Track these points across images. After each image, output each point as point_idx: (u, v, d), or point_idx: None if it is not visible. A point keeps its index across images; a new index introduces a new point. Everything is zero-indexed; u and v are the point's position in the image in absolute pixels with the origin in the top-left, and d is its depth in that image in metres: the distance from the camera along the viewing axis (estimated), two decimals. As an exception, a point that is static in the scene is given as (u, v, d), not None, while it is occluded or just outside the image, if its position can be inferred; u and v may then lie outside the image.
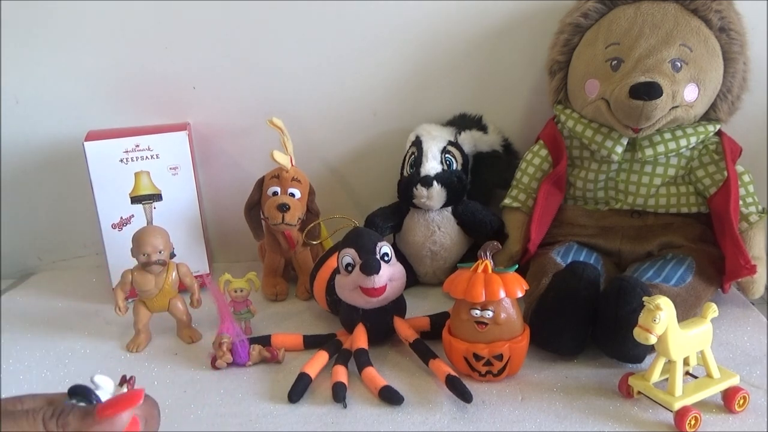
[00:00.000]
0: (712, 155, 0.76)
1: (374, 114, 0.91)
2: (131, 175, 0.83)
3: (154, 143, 0.83)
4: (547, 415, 0.58)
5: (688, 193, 0.77)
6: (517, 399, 0.61)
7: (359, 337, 0.67)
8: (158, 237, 0.72)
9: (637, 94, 0.68)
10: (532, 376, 0.65)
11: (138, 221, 0.84)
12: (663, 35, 0.72)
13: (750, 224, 0.74)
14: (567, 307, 0.64)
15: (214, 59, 0.88)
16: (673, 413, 0.55)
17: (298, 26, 0.87)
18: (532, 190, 0.82)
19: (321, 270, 0.76)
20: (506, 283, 0.62)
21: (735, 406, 0.57)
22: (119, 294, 0.73)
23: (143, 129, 0.85)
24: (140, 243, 0.71)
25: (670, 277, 0.69)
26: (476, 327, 0.62)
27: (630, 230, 0.77)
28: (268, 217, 0.80)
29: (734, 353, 0.66)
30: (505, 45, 0.87)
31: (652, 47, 0.72)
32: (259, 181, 0.83)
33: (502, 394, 0.62)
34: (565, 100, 0.81)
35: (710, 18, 0.73)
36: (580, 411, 0.59)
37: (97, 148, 0.81)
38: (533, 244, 0.77)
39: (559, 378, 0.64)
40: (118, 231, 0.84)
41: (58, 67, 0.88)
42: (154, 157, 0.83)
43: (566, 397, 0.61)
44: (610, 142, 0.75)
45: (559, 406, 0.60)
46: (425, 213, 0.81)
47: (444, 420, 0.58)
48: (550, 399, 0.61)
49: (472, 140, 0.84)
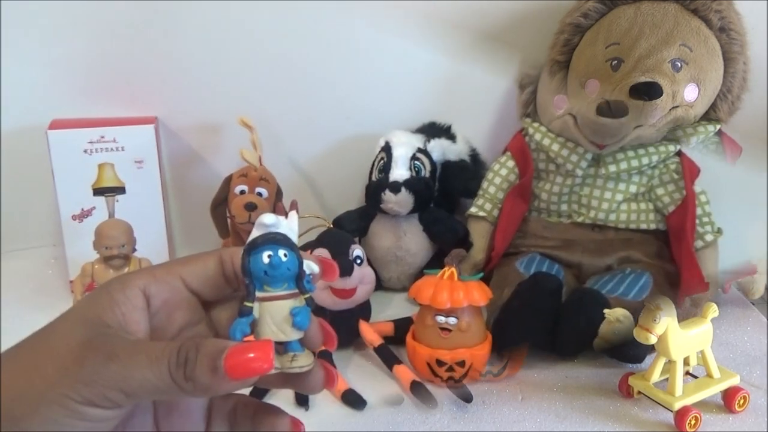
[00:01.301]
0: (672, 174, 0.78)
1: (347, 118, 0.91)
2: (95, 167, 0.81)
3: (119, 135, 0.81)
4: (547, 415, 0.59)
5: (647, 210, 0.79)
6: (517, 399, 0.62)
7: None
8: (122, 230, 0.71)
9: (637, 93, 0.69)
10: (533, 376, 0.65)
11: (99, 214, 0.82)
12: (663, 35, 0.73)
13: (705, 243, 0.76)
14: (529, 316, 0.65)
15: (185, 54, 0.87)
16: (673, 413, 0.56)
17: (273, 26, 0.87)
18: (497, 201, 0.83)
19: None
20: (471, 290, 0.63)
21: (735, 406, 0.58)
22: (78, 287, 0.72)
23: (109, 120, 0.83)
24: (103, 235, 0.70)
25: (629, 290, 0.71)
26: (440, 333, 0.63)
27: (591, 244, 0.79)
28: (234, 216, 0.80)
29: (734, 353, 0.67)
30: (476, 56, 0.89)
31: (652, 47, 0.72)
32: (227, 179, 0.83)
33: (502, 394, 0.62)
34: (533, 113, 0.82)
35: (710, 18, 0.73)
36: (580, 411, 0.60)
37: (61, 137, 0.80)
38: (497, 254, 0.78)
39: (559, 378, 0.65)
40: (78, 222, 0.82)
41: (24, 54, 0.86)
42: (119, 149, 0.82)
43: (566, 396, 0.62)
44: (576, 156, 0.77)
45: (559, 406, 0.60)
46: (393, 218, 0.82)
47: (444, 420, 0.59)
48: (550, 399, 0.62)
49: (440, 148, 0.85)
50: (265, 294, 0.31)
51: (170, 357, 0.29)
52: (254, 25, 0.87)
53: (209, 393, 0.30)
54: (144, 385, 0.29)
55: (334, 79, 0.90)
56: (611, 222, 0.79)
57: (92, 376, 0.29)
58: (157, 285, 0.33)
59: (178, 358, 0.29)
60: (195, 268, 0.34)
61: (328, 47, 0.88)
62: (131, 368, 0.29)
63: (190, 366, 0.29)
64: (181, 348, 0.30)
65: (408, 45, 0.88)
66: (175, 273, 0.34)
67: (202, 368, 0.29)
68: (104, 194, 0.82)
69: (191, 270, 0.34)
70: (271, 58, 0.88)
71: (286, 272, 0.31)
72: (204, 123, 0.90)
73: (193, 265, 0.34)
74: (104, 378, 0.29)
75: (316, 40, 0.88)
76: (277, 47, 0.88)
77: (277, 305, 0.31)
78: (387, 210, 0.80)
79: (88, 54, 0.86)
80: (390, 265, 0.83)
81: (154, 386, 0.29)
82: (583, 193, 0.79)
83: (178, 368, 0.29)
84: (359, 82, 0.90)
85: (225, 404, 0.36)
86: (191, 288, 0.34)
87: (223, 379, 0.29)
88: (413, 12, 0.86)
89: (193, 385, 0.29)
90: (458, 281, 0.63)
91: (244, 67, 0.88)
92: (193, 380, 0.29)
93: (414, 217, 0.83)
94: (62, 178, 0.80)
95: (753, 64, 0.77)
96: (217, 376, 0.29)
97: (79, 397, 0.29)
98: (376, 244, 0.83)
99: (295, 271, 0.31)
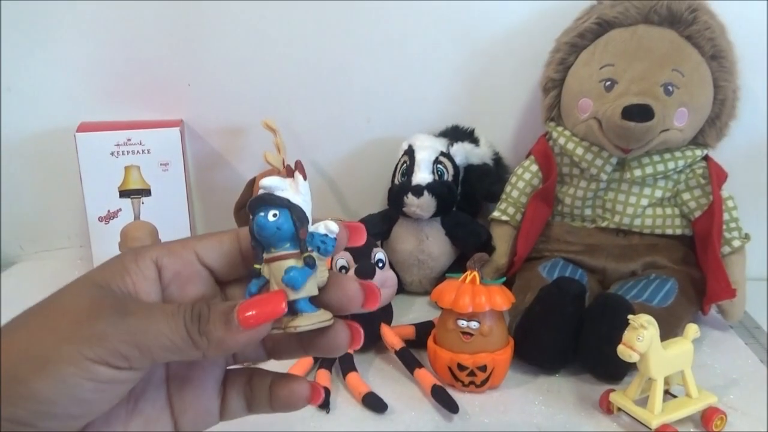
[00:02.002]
0: (698, 179, 0.77)
1: (368, 121, 0.91)
2: (121, 169, 0.83)
3: (146, 138, 0.82)
4: (528, 428, 0.59)
5: (673, 215, 0.78)
6: (499, 410, 0.62)
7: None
8: (147, 232, 0.72)
9: (629, 115, 0.69)
10: (515, 389, 0.65)
11: (125, 215, 0.83)
12: (657, 59, 0.74)
13: (732, 249, 0.75)
14: (552, 321, 0.65)
15: (211, 58, 0.88)
16: (652, 431, 0.56)
17: (297, 30, 0.87)
18: (521, 205, 0.82)
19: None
20: (493, 295, 0.62)
21: (713, 426, 0.58)
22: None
23: (136, 123, 0.85)
24: (128, 237, 0.71)
25: (654, 296, 0.70)
26: (462, 337, 0.62)
27: (615, 249, 0.78)
28: (257, 218, 0.80)
29: (712, 375, 0.67)
30: (500, 60, 0.89)
31: (645, 70, 0.73)
32: (250, 182, 0.83)
33: (485, 406, 0.62)
34: (557, 117, 0.82)
35: (703, 45, 0.75)
36: (561, 425, 0.59)
37: (89, 139, 0.81)
38: (520, 258, 0.78)
39: (541, 391, 0.65)
40: (105, 224, 0.83)
41: (53, 58, 0.88)
42: (146, 152, 0.83)
43: (547, 410, 0.62)
44: (600, 161, 0.76)
45: (541, 419, 0.60)
46: (415, 222, 0.82)
47: (427, 429, 0.59)
48: (531, 412, 0.61)
49: (463, 152, 0.85)
50: (270, 255, 0.32)
51: (185, 313, 0.30)
52: (278, 29, 0.87)
53: (223, 347, 0.30)
54: (159, 340, 0.29)
55: (358, 83, 0.90)
56: (636, 227, 0.78)
57: (107, 329, 0.28)
58: (170, 257, 0.33)
59: (193, 314, 0.30)
60: (210, 243, 0.34)
61: (352, 51, 0.88)
62: (147, 322, 0.29)
63: (203, 321, 0.29)
64: (195, 306, 0.30)
65: (431, 48, 0.88)
66: (189, 247, 0.34)
67: (215, 322, 0.29)
68: (130, 196, 0.83)
69: (206, 245, 0.34)
70: (295, 62, 0.89)
71: (277, 232, 0.31)
72: (228, 126, 0.91)
73: (209, 240, 0.34)
74: (120, 331, 0.28)
75: (339, 44, 0.88)
76: (301, 51, 0.88)
77: (279, 265, 0.31)
78: (409, 213, 0.80)
79: (116, 58, 0.88)
80: (412, 269, 0.83)
81: (169, 342, 0.29)
82: (607, 197, 0.78)
83: (193, 323, 0.29)
84: (383, 85, 0.90)
85: (240, 377, 0.36)
86: (205, 263, 0.34)
87: (237, 331, 0.29)
88: (437, 15, 0.87)
89: (207, 339, 0.29)
90: (480, 285, 0.63)
91: (269, 71, 0.89)
92: (207, 335, 0.29)
93: (436, 221, 0.82)
94: (89, 180, 0.82)
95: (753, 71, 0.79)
96: (230, 328, 0.29)
97: (92, 353, 0.28)
98: (398, 248, 0.83)
99: (289, 230, 0.31)
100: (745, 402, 0.62)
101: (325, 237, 0.33)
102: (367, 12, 0.86)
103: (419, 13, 0.86)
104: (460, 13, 0.86)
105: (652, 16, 0.75)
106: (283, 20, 0.87)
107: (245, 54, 0.88)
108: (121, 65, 0.88)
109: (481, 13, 0.87)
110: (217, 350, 0.30)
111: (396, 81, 0.90)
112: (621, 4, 0.77)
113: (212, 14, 0.86)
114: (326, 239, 0.33)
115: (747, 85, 0.80)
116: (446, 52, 0.89)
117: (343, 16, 0.87)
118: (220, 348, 0.30)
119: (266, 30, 0.87)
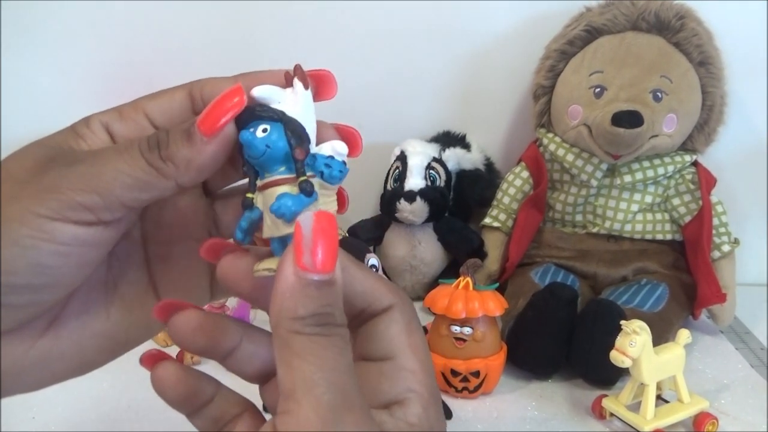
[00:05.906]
0: (688, 185, 0.78)
1: (359, 127, 0.91)
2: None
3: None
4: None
5: (663, 220, 0.79)
6: (492, 416, 0.62)
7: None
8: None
9: (619, 122, 0.70)
10: (508, 395, 0.65)
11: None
12: (645, 66, 0.74)
13: (722, 253, 0.76)
14: (544, 327, 0.65)
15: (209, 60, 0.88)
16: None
17: (284, 33, 0.87)
18: (512, 211, 0.83)
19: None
20: (486, 300, 0.62)
21: (704, 431, 0.58)
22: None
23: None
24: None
25: (645, 301, 0.71)
26: (455, 343, 0.63)
27: (606, 254, 0.79)
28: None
29: (704, 380, 0.68)
30: (491, 66, 0.89)
31: (634, 77, 0.74)
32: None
33: (478, 411, 0.62)
34: (548, 123, 0.82)
35: (691, 52, 0.76)
36: (554, 430, 0.60)
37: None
38: (512, 264, 0.78)
39: (533, 397, 0.65)
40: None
41: (53, 58, 0.87)
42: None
43: (540, 415, 0.62)
44: (591, 167, 0.77)
45: (534, 425, 0.60)
46: (407, 227, 0.82)
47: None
48: (524, 417, 0.62)
49: (455, 158, 0.85)
50: (262, 181, 0.27)
51: (140, 143, 0.27)
52: (264, 31, 0.87)
53: (194, 166, 0.27)
54: (119, 179, 0.26)
55: (350, 88, 0.89)
56: (627, 232, 0.78)
57: (57, 180, 0.26)
58: (122, 122, 0.30)
59: (149, 143, 0.27)
60: (160, 102, 0.31)
61: (343, 56, 0.89)
62: (99, 164, 0.26)
63: (163, 146, 0.27)
64: (151, 135, 0.27)
65: (423, 54, 0.89)
66: (139, 108, 0.30)
67: (176, 142, 0.27)
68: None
69: (156, 104, 0.31)
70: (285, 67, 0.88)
71: (267, 150, 0.26)
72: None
73: (159, 99, 0.31)
74: (71, 180, 0.26)
75: (329, 49, 0.88)
76: (290, 56, 0.88)
77: (272, 192, 0.26)
78: (402, 219, 0.81)
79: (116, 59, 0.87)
80: (405, 275, 0.83)
81: (130, 178, 0.26)
82: (598, 203, 0.79)
83: (152, 151, 0.27)
84: (374, 91, 0.90)
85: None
86: (157, 125, 0.30)
87: (202, 143, 0.26)
88: (428, 21, 0.87)
89: (173, 163, 0.27)
90: (473, 291, 0.63)
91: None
92: (172, 159, 0.27)
93: (429, 227, 0.83)
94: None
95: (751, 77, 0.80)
96: (194, 141, 0.27)
97: (44, 209, 0.25)
98: (390, 254, 0.83)
99: (283, 149, 0.26)
100: (736, 407, 0.63)
101: (330, 159, 0.27)
102: (357, 18, 0.87)
103: (410, 19, 0.87)
104: (452, 19, 0.87)
105: (640, 24, 0.76)
106: (269, 23, 0.87)
107: (239, 60, 0.88)
108: (121, 66, 0.88)
109: (472, 20, 0.87)
110: (187, 171, 0.27)
111: (387, 87, 0.90)
112: (610, 12, 0.78)
113: (211, 17, 0.86)
114: (332, 162, 0.27)
115: (735, 91, 0.81)
116: (437, 58, 0.89)
117: (333, 22, 0.87)
118: (190, 168, 0.27)
119: (256, 34, 0.87)
